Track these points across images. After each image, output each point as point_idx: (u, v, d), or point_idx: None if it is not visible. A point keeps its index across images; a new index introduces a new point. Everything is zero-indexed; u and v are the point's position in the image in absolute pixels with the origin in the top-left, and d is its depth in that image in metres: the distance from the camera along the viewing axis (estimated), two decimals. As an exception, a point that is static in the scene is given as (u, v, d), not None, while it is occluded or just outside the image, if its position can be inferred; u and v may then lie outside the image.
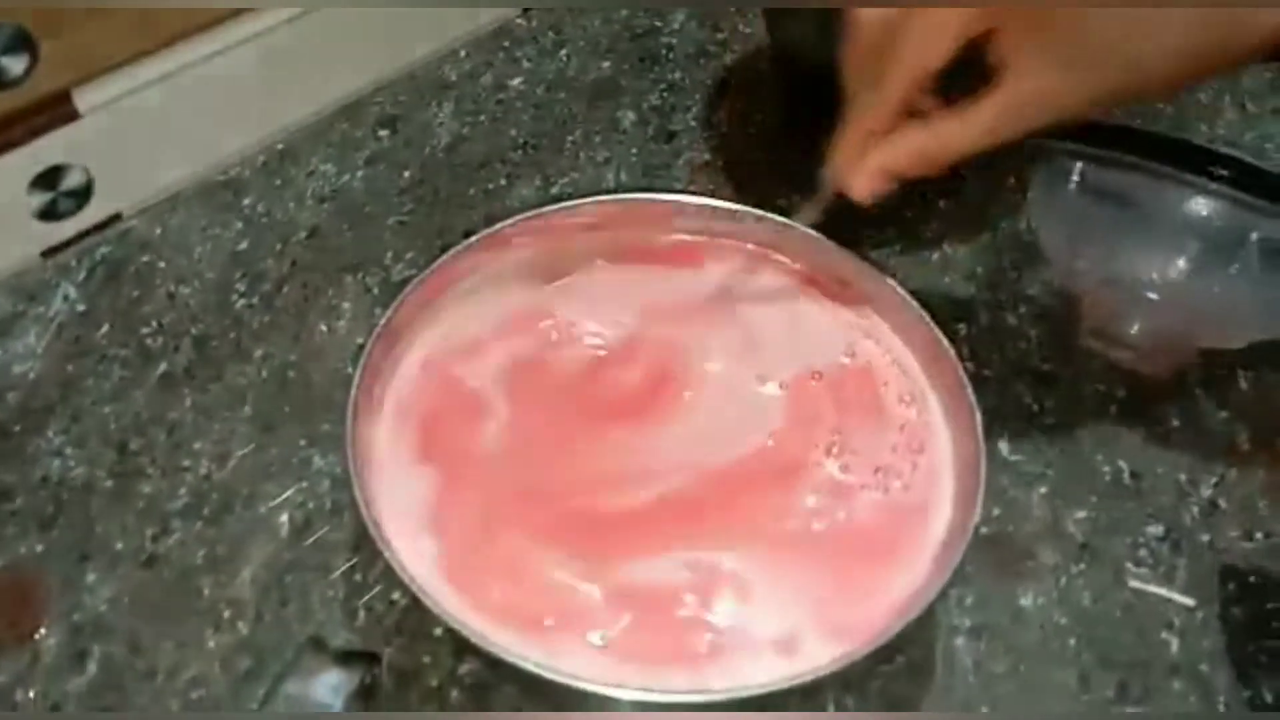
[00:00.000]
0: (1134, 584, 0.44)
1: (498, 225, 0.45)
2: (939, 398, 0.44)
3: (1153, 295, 0.46)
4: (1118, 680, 0.42)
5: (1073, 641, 0.43)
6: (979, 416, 0.41)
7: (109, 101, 0.51)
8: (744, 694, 0.35)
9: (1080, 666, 0.42)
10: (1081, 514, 0.46)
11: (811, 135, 0.42)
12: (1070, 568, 0.44)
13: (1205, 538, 0.46)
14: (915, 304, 0.44)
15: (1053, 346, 0.51)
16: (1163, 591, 0.44)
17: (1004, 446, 0.48)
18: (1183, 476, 0.48)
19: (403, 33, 0.61)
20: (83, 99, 0.50)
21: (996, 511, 0.46)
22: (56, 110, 0.49)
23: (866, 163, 0.39)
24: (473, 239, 0.45)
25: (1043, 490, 0.47)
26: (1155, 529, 0.46)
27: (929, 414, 0.44)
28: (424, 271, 0.43)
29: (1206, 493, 0.47)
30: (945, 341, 0.43)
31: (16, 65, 0.47)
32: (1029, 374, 0.50)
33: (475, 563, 0.39)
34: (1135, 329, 0.47)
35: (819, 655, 0.37)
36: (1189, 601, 0.44)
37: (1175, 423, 0.49)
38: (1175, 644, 0.43)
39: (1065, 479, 0.47)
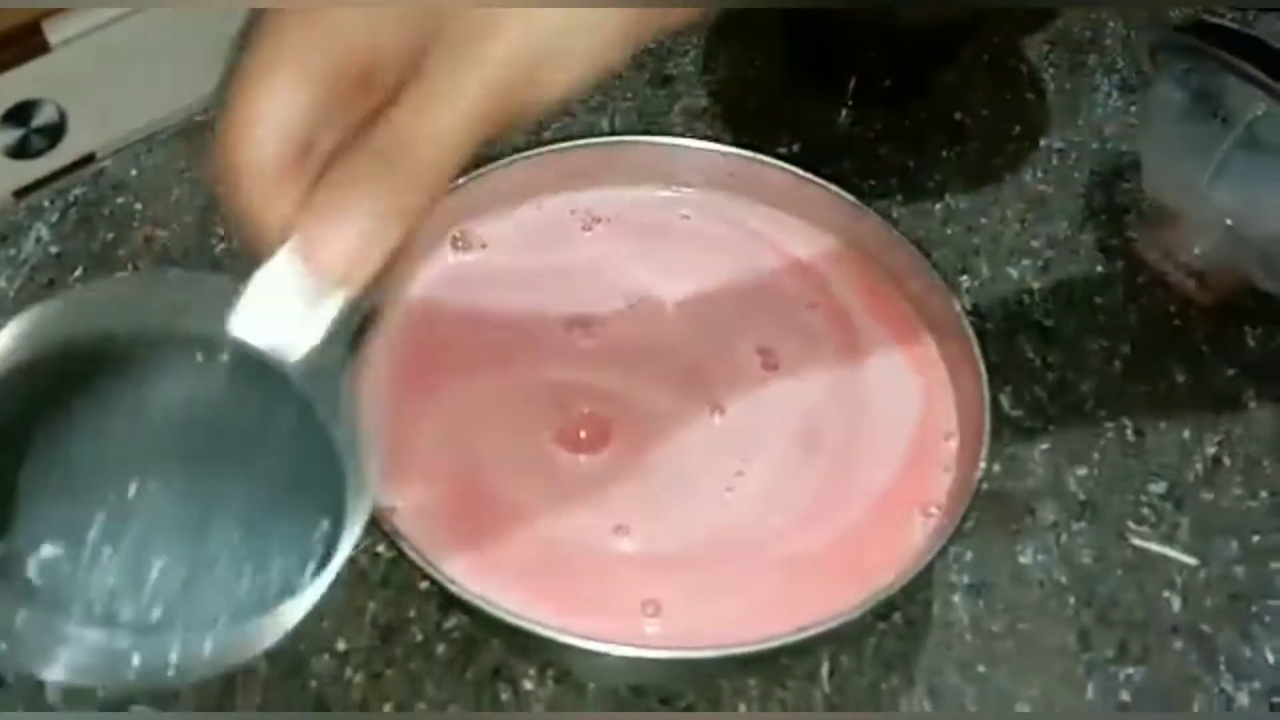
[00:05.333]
0: (1135, 542, 0.43)
1: (484, 168, 0.44)
2: (941, 350, 0.43)
3: (1229, 221, 0.45)
4: (1118, 639, 0.41)
5: (1072, 600, 0.42)
6: (983, 370, 0.39)
7: (82, 34, 0.49)
8: (736, 651, 0.34)
9: (1080, 625, 0.41)
10: (1083, 471, 0.45)
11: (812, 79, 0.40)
12: (1071, 525, 0.44)
13: (1208, 496, 0.45)
14: (918, 253, 0.43)
15: (1056, 300, 0.50)
16: (1164, 550, 0.43)
17: (1005, 401, 0.46)
18: (1187, 434, 0.47)
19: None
20: (54, 31, 0.48)
21: (997, 468, 0.44)
22: (27, 43, 0.47)
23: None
24: (459, 182, 0.43)
25: (1044, 446, 0.46)
26: (1158, 486, 0.45)
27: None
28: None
29: (1210, 450, 0.46)
30: (949, 293, 0.42)
31: (-18, -7, 0.45)
32: (1032, 328, 0.49)
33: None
34: (1198, 250, 0.46)
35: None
36: (1191, 560, 0.43)
37: (1180, 379, 0.48)
38: (1177, 603, 0.42)
39: (1067, 435, 0.46)
